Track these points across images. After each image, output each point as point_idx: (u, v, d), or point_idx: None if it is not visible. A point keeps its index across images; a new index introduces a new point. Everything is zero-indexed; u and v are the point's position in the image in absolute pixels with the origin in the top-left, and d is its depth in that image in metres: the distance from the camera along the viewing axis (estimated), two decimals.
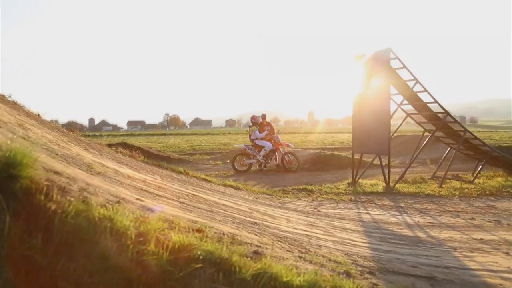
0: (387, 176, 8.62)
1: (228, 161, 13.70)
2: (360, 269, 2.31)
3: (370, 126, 8.89)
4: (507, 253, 3.93)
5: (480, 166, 10.23)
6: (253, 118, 12.68)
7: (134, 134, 56.29)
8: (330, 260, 2.36)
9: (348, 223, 4.46)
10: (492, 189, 8.53)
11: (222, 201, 3.96)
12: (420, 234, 4.43)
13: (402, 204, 6.87)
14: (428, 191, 8.17)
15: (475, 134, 10.06)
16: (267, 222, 3.37)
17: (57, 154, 3.04)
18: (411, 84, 8.84)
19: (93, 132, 76.34)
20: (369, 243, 3.50)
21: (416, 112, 9.81)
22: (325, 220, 4.36)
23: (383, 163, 8.96)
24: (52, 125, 5.07)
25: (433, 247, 3.76)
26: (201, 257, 1.54)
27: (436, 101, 8.93)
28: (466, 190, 8.41)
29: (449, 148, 10.66)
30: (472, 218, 5.87)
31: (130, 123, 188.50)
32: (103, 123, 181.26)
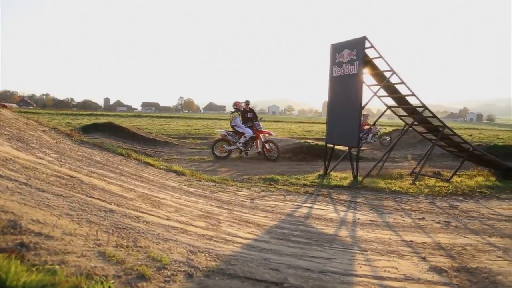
0: (355, 170, 8.32)
1: None
2: (184, 269, 2.09)
3: (342, 117, 8.57)
4: (423, 258, 3.67)
5: (460, 164, 9.80)
6: (236, 104, 12.43)
7: (142, 115, 56.52)
8: (149, 257, 2.15)
9: (264, 217, 4.23)
10: (466, 188, 8.18)
11: (112, 187, 3.72)
12: (342, 233, 4.17)
13: (358, 200, 6.60)
14: (396, 188, 7.86)
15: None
16: (137, 211, 3.15)
17: None
18: (387, 75, 8.45)
19: (107, 112, 77.00)
20: (254, 240, 3.27)
21: (396, 105, 9.42)
22: (235, 212, 4.13)
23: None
24: None
25: (339, 248, 3.51)
26: None
27: (413, 94, 8.52)
28: (437, 188, 8.08)
29: (431, 144, 10.25)
30: (423, 218, 5.58)
31: (144, 105, 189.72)
32: (118, 103, 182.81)
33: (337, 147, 9.98)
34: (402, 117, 9.77)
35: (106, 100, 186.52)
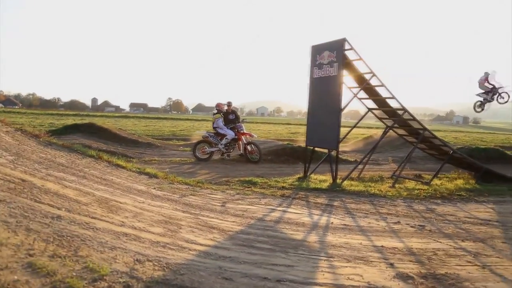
0: (334, 172, 8.23)
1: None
2: (124, 280, 1.95)
3: (322, 119, 8.49)
4: (391, 264, 3.57)
5: (440, 167, 9.81)
6: (218, 105, 12.27)
7: (128, 116, 55.95)
8: (87, 268, 2.01)
9: (232, 222, 4.09)
10: (445, 191, 8.16)
11: (67, 191, 3.53)
12: (311, 239, 4.05)
13: (335, 203, 6.50)
14: (374, 191, 7.79)
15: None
16: (89, 217, 2.97)
17: None
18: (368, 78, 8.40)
19: (94, 112, 76.09)
20: (213, 247, 3.13)
21: (377, 107, 9.39)
22: (202, 217, 3.99)
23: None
24: None
25: (304, 254, 3.40)
26: None
27: (393, 97, 8.49)
28: (416, 191, 8.04)
29: (413, 147, 10.24)
30: (398, 222, 5.51)
31: (132, 105, 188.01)
32: (106, 103, 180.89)
33: (321, 149, 9.90)
34: (382, 120, 9.74)
35: (94, 100, 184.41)
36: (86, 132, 14.57)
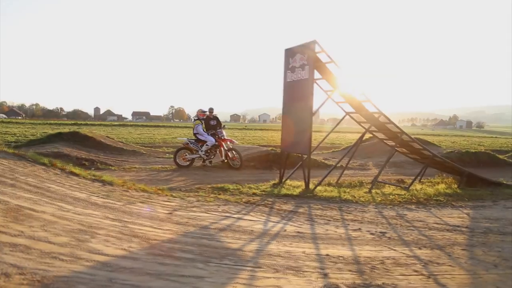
0: (307, 178, 8.01)
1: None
2: None
3: (295, 124, 8.29)
4: (325, 275, 3.35)
5: (420, 171, 9.57)
6: (199, 112, 12.11)
7: (126, 125, 56.07)
8: None
9: (167, 230, 3.86)
10: (423, 196, 7.91)
11: None
12: (249, 248, 3.83)
13: (300, 210, 6.27)
14: (348, 196, 7.56)
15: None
16: None
17: None
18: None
19: (92, 121, 76.47)
20: (120, 257, 2.90)
21: (355, 111, 9.18)
22: (131, 225, 3.76)
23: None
24: None
25: (228, 265, 3.17)
26: None
27: (368, 100, 8.29)
28: (392, 196, 7.79)
29: (394, 152, 10.01)
30: (358, 229, 5.28)
31: (135, 114, 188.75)
32: (108, 112, 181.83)
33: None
34: (361, 124, 9.52)
35: (96, 109, 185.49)
36: (70, 141, 14.43)
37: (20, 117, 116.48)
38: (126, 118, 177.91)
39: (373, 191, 8.28)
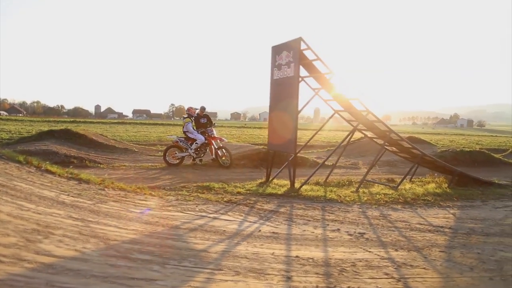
0: (292, 177, 7.88)
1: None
2: None
3: (281, 122, 8.17)
4: (289, 278, 3.23)
5: (409, 170, 9.44)
6: (189, 110, 12.00)
7: (125, 122, 55.99)
8: None
9: (131, 230, 3.74)
10: (410, 196, 7.78)
11: None
12: (214, 249, 3.70)
13: (281, 210, 6.15)
14: (333, 196, 7.43)
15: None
16: None
17: None
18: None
19: (91, 119, 76.44)
20: (69, 258, 2.77)
21: (343, 109, 9.03)
22: (94, 225, 3.63)
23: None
24: None
25: (186, 267, 3.04)
26: None
27: (356, 98, 8.16)
28: (379, 196, 7.66)
29: (384, 150, 9.87)
30: (337, 230, 5.16)
31: (135, 112, 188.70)
32: (109, 110, 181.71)
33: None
34: (350, 122, 9.38)
35: (97, 107, 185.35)
36: (61, 138, 14.33)
37: (21, 114, 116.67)
38: (127, 116, 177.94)
39: (360, 190, 8.15)
